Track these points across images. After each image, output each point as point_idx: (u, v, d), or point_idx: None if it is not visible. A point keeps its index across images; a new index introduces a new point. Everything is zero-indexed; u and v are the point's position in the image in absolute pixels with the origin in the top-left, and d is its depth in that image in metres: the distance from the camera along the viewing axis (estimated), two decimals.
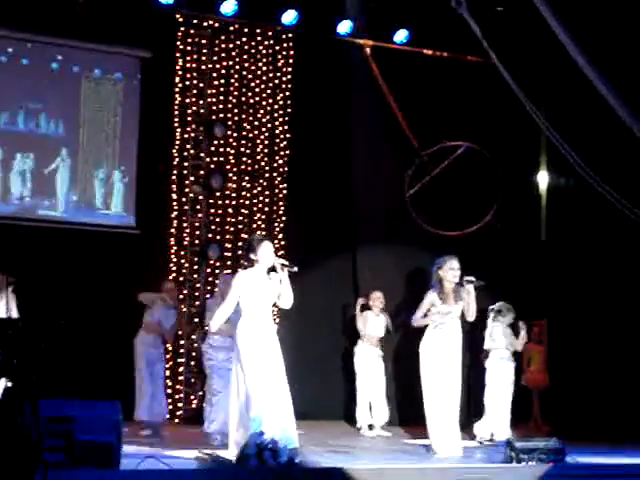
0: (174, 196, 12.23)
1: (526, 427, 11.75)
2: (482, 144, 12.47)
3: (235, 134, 12.51)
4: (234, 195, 12.44)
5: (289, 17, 12.30)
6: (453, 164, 12.44)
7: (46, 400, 6.93)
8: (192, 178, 12.30)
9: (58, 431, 6.93)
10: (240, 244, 12.07)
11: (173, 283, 11.18)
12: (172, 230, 12.19)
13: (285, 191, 12.68)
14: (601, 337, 12.25)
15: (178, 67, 12.29)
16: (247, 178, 12.54)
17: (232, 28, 12.49)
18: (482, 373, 11.07)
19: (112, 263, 11.56)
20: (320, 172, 12.55)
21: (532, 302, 11.89)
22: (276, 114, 12.71)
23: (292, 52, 12.76)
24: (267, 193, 12.61)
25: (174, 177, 12.25)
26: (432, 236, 12.16)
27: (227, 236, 12.34)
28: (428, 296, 9.50)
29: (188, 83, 12.32)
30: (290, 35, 12.71)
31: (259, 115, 12.62)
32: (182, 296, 12.08)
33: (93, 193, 12.10)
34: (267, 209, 12.58)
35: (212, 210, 12.35)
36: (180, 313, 11.37)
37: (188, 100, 12.30)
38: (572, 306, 12.58)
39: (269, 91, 12.68)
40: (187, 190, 12.28)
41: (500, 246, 12.79)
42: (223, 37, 12.47)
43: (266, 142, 12.64)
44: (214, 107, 12.42)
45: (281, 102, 12.73)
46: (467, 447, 9.71)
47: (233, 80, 12.53)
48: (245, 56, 12.59)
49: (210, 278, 12.13)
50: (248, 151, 12.57)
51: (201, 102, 12.37)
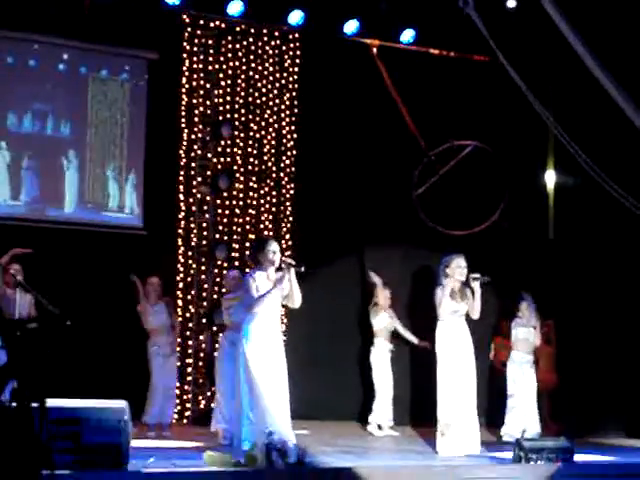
0: (181, 196, 12.23)
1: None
2: (489, 143, 12.46)
3: (242, 134, 12.51)
4: (241, 195, 12.44)
5: (295, 17, 12.31)
6: (460, 163, 12.44)
7: (54, 401, 6.94)
8: (199, 178, 12.31)
9: (66, 433, 6.93)
10: (247, 244, 12.08)
11: (157, 277, 10.89)
12: (179, 230, 12.20)
13: (292, 191, 12.68)
14: (610, 336, 12.23)
15: (185, 68, 12.30)
16: (254, 178, 12.54)
17: (239, 29, 12.50)
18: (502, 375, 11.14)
19: (119, 263, 11.55)
20: (327, 172, 12.55)
21: (540, 301, 11.84)
22: (283, 114, 12.71)
23: (299, 52, 12.76)
24: (274, 193, 12.61)
25: (181, 177, 12.26)
26: (440, 235, 12.15)
27: (234, 236, 12.34)
28: (438, 291, 9.53)
29: (195, 84, 12.33)
30: (297, 35, 12.70)
31: (266, 115, 12.63)
32: (190, 297, 12.10)
33: (100, 194, 12.11)
34: (274, 209, 12.58)
35: (219, 210, 12.35)
36: (169, 304, 11.27)
37: (195, 101, 12.31)
38: (580, 305, 12.54)
39: (276, 91, 12.68)
40: (194, 190, 12.29)
41: (508, 245, 12.78)
42: (230, 38, 12.48)
43: (273, 142, 12.64)
44: (221, 107, 12.42)
45: (288, 102, 12.73)
46: (487, 445, 9.71)
47: (240, 80, 12.53)
48: (252, 56, 12.59)
49: (218, 279, 12.13)
50: (255, 151, 12.57)
51: (208, 102, 12.38)
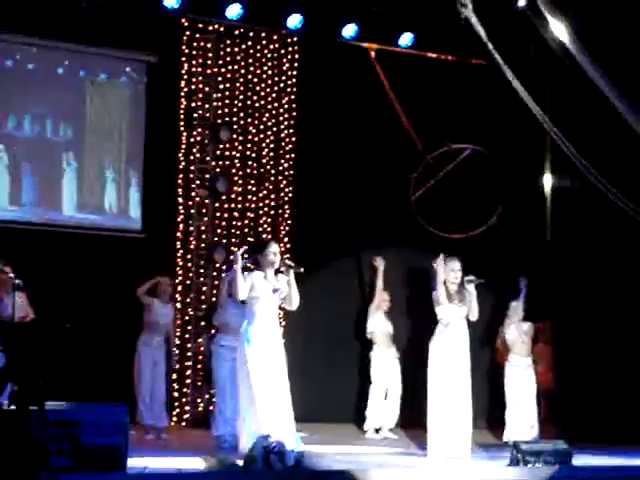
0: (180, 200, 12.25)
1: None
2: (487, 146, 12.47)
3: (241, 137, 12.53)
4: (240, 198, 12.46)
5: (294, 21, 12.32)
6: (458, 167, 12.46)
7: (52, 404, 6.96)
8: (198, 182, 12.32)
9: (64, 435, 6.95)
10: (246, 246, 12.08)
11: (167, 278, 11.03)
12: (178, 234, 12.22)
13: (291, 194, 12.70)
14: (607, 338, 12.24)
15: (184, 71, 12.31)
16: (253, 181, 12.56)
17: (237, 32, 12.52)
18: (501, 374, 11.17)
19: (118, 267, 11.58)
20: (325, 175, 12.57)
21: (538, 303, 11.87)
22: (281, 117, 12.73)
23: (297, 56, 12.78)
24: (273, 196, 12.63)
25: (180, 181, 12.27)
26: (437, 238, 12.17)
27: (233, 239, 12.36)
28: (436, 293, 9.58)
29: (194, 87, 12.35)
30: (295, 39, 12.72)
31: (265, 118, 12.65)
32: (188, 300, 12.12)
33: (99, 197, 12.12)
34: (273, 212, 12.60)
35: (218, 213, 12.37)
36: (175, 308, 11.36)
37: (194, 104, 12.33)
38: (578, 307, 12.57)
39: (274, 94, 12.70)
40: (193, 194, 12.30)
41: (505, 248, 12.80)
42: (228, 41, 12.50)
43: (272, 145, 12.66)
44: (220, 111, 12.44)
45: (286, 105, 12.75)
46: (479, 448, 9.73)
47: (239, 84, 12.55)
48: (250, 60, 12.61)
49: (216, 282, 12.12)
50: (254, 154, 12.59)
51: (207, 106, 12.40)
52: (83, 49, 11.94)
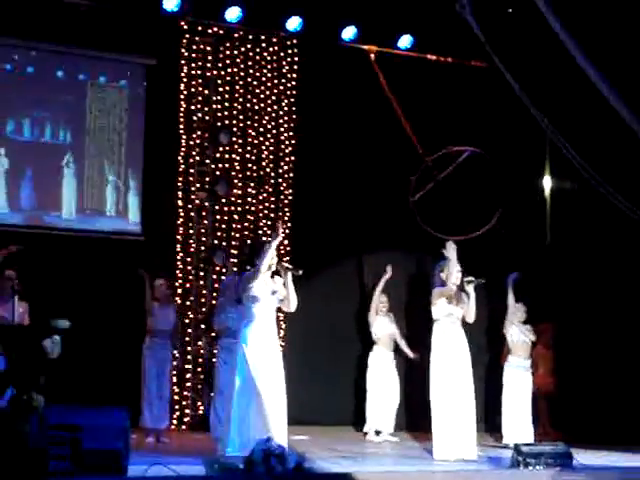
0: (180, 203, 12.24)
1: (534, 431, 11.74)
2: (487, 149, 12.47)
3: (240, 140, 12.53)
4: (239, 201, 12.46)
5: (293, 23, 12.34)
6: (458, 169, 12.46)
7: (53, 407, 6.96)
8: (198, 185, 12.32)
9: (65, 439, 6.94)
10: (245, 249, 12.08)
11: (164, 279, 11.02)
12: (178, 237, 12.21)
13: (290, 197, 12.70)
14: (608, 340, 12.25)
15: (183, 74, 12.31)
16: (252, 184, 12.56)
17: (237, 35, 12.52)
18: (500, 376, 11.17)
19: (118, 270, 11.57)
20: (325, 178, 12.58)
21: (538, 306, 11.88)
22: (281, 120, 12.73)
23: (297, 58, 12.79)
24: (272, 199, 12.63)
25: (180, 184, 12.27)
26: (437, 241, 12.15)
27: (233, 242, 12.36)
28: (435, 292, 9.60)
29: (193, 90, 12.35)
30: (295, 41, 12.73)
31: (264, 121, 12.65)
32: (188, 302, 12.12)
33: (99, 200, 12.12)
34: (273, 215, 12.60)
35: (218, 216, 12.36)
36: (177, 309, 11.37)
37: (193, 107, 12.33)
38: (578, 309, 12.57)
39: (274, 97, 12.71)
40: (193, 197, 12.30)
41: (505, 250, 12.80)
42: (228, 44, 12.50)
43: (271, 148, 12.67)
44: (219, 114, 12.45)
45: (286, 108, 12.75)
46: (484, 450, 9.73)
47: (238, 87, 12.55)
48: (250, 63, 12.61)
49: (216, 284, 12.13)
50: (253, 157, 12.59)
51: (206, 109, 12.40)
52: (82, 52, 11.93)
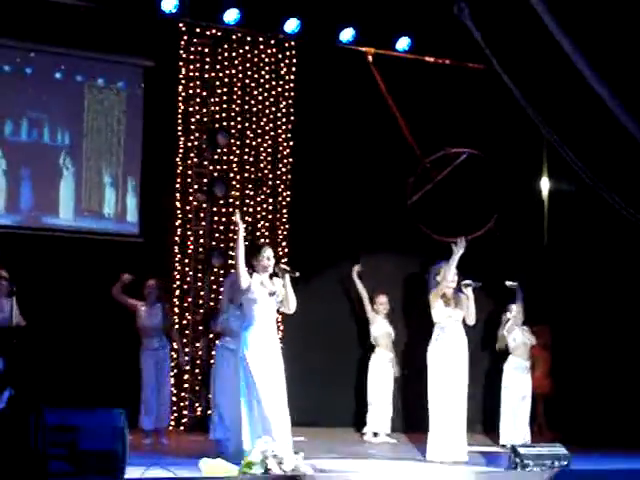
0: (178, 204, 12.24)
1: (530, 433, 11.76)
2: (484, 151, 12.50)
3: (238, 142, 12.53)
4: (237, 203, 12.45)
5: (291, 25, 12.33)
6: (455, 171, 12.47)
7: (50, 409, 6.96)
8: (196, 186, 12.32)
9: (62, 440, 6.95)
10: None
11: (154, 279, 10.94)
12: (176, 238, 12.21)
13: (288, 199, 12.70)
14: (605, 342, 12.26)
15: (181, 76, 12.31)
16: (250, 186, 12.56)
17: (235, 37, 12.52)
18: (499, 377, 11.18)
19: (116, 271, 11.54)
20: (323, 179, 12.58)
21: (535, 307, 11.89)
22: (279, 122, 12.73)
23: (294, 60, 12.78)
24: (270, 201, 12.63)
25: (178, 185, 12.27)
26: (434, 242, 12.18)
27: (231, 244, 12.33)
28: (432, 295, 9.62)
29: (191, 91, 12.35)
30: (292, 43, 12.73)
31: (262, 123, 12.65)
32: (186, 304, 12.12)
33: (97, 202, 12.12)
34: (270, 217, 12.61)
35: (216, 218, 12.36)
36: (169, 306, 11.34)
37: (191, 108, 12.33)
38: (576, 311, 12.59)
39: (272, 99, 12.71)
40: (191, 198, 12.30)
41: (503, 252, 12.81)
42: (226, 46, 12.50)
43: (269, 150, 12.67)
44: (217, 115, 12.45)
45: (284, 110, 12.75)
46: (476, 452, 9.74)
47: (236, 88, 12.56)
48: (248, 64, 12.61)
49: (214, 286, 12.14)
50: (251, 159, 12.60)
51: (204, 110, 12.40)
52: (81, 54, 11.92)
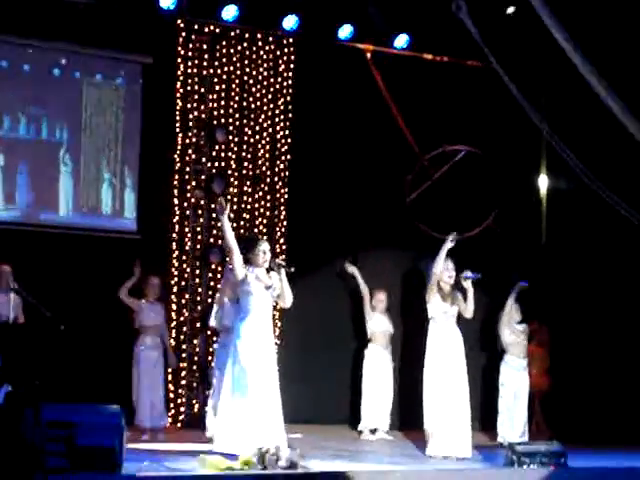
0: (176, 201, 12.24)
1: (528, 430, 11.77)
2: (482, 148, 12.51)
3: (236, 139, 12.53)
4: (235, 200, 12.46)
5: (290, 22, 12.33)
6: (453, 168, 12.48)
7: (48, 405, 6.96)
8: (194, 183, 12.32)
9: (59, 436, 6.95)
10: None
11: (157, 277, 10.98)
12: (174, 235, 12.20)
13: (286, 195, 12.70)
14: (602, 340, 12.28)
15: (179, 72, 12.31)
16: (248, 183, 12.56)
17: (233, 33, 12.51)
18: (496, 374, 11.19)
19: (113, 268, 11.55)
20: (321, 176, 12.58)
21: (533, 306, 11.90)
22: (277, 119, 12.73)
23: (293, 57, 12.78)
24: (268, 198, 12.63)
25: (176, 182, 12.26)
26: (432, 240, 12.18)
27: None
28: (428, 290, 9.67)
29: (189, 88, 12.34)
30: (291, 40, 12.73)
31: (260, 120, 12.65)
32: (184, 300, 12.12)
33: (95, 198, 12.12)
34: (268, 213, 12.61)
35: (214, 214, 12.35)
36: (168, 308, 11.34)
37: (189, 105, 12.32)
38: (573, 309, 12.60)
39: (270, 96, 12.71)
40: (189, 195, 12.30)
41: (501, 250, 12.82)
42: (224, 42, 12.50)
43: (267, 147, 12.67)
44: (215, 112, 12.44)
45: (282, 107, 12.75)
46: (474, 449, 9.74)
47: (234, 85, 12.55)
48: (246, 61, 12.61)
49: (212, 283, 12.14)
50: (249, 156, 12.59)
51: (202, 107, 12.39)
52: (79, 50, 11.92)
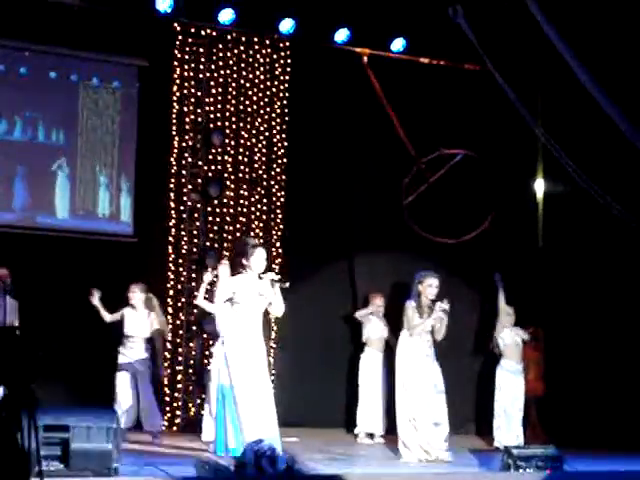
0: (172, 204, 12.24)
1: (523, 434, 11.76)
2: (479, 152, 12.50)
3: (233, 142, 12.54)
4: (232, 203, 12.46)
5: (286, 26, 12.33)
6: (450, 172, 12.48)
7: (43, 408, 6.95)
8: (190, 186, 12.32)
9: (55, 440, 6.95)
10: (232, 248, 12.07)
11: (138, 285, 10.70)
12: (170, 238, 12.20)
13: (283, 199, 12.70)
14: (598, 344, 12.27)
15: (176, 75, 12.31)
16: (245, 186, 12.56)
17: (230, 37, 12.52)
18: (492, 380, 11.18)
19: (110, 271, 11.56)
20: (317, 180, 12.59)
21: (529, 309, 11.90)
22: (273, 122, 12.74)
23: (289, 60, 12.79)
24: (265, 201, 12.63)
25: (172, 185, 12.27)
26: (429, 243, 12.20)
27: (225, 244, 12.36)
28: (409, 307, 9.72)
29: (186, 91, 12.35)
30: (287, 44, 12.74)
31: (257, 123, 12.65)
32: (180, 304, 12.12)
33: (91, 201, 12.12)
34: (265, 217, 12.61)
35: (210, 218, 12.36)
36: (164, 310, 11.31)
37: (186, 108, 12.33)
38: (569, 313, 12.60)
39: (266, 99, 12.71)
40: (185, 198, 12.30)
41: (497, 253, 12.82)
42: (221, 46, 12.50)
43: (264, 150, 12.67)
44: (212, 115, 12.45)
45: (278, 110, 12.76)
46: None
47: (231, 88, 12.56)
48: (242, 64, 12.62)
49: (208, 286, 12.11)
50: (246, 159, 12.60)
51: (199, 110, 12.40)
52: (75, 53, 11.93)
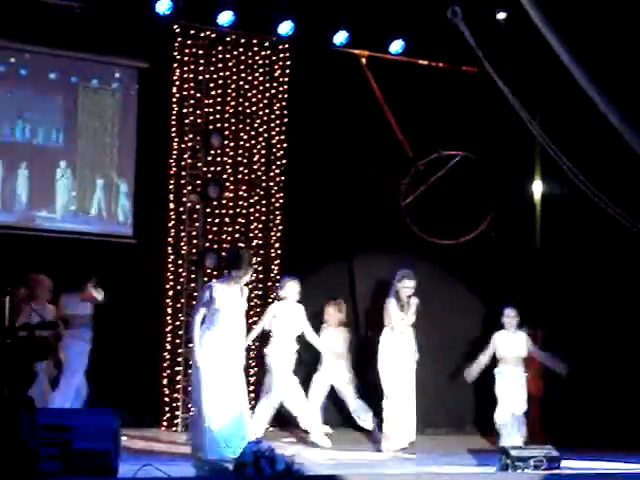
0: (171, 205, 12.26)
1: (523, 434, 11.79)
2: (477, 153, 12.53)
3: (232, 144, 12.55)
4: (231, 204, 12.48)
5: (285, 28, 12.35)
6: (448, 173, 12.50)
7: (43, 408, 6.98)
8: (189, 187, 12.34)
9: (55, 440, 6.97)
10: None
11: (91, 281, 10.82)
12: (169, 239, 12.22)
13: (282, 200, 12.72)
14: (596, 344, 12.30)
15: (175, 77, 12.33)
16: (244, 187, 12.58)
17: (229, 39, 12.54)
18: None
19: (109, 272, 11.57)
20: (316, 181, 12.61)
21: (527, 310, 11.92)
22: (273, 124, 12.76)
23: (288, 62, 12.80)
24: (264, 202, 12.65)
25: (171, 186, 12.28)
26: (428, 245, 12.22)
27: (224, 245, 12.37)
28: (390, 304, 10.43)
29: (185, 93, 12.37)
30: (286, 46, 12.76)
31: (256, 125, 12.67)
32: (179, 305, 12.13)
33: (91, 202, 12.14)
34: (264, 218, 12.63)
35: (209, 219, 12.38)
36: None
37: (185, 110, 12.35)
38: (567, 314, 12.63)
39: (266, 101, 12.73)
40: (184, 199, 12.32)
41: (495, 254, 12.85)
42: (220, 47, 12.52)
43: (263, 152, 12.69)
44: (211, 117, 12.46)
45: (278, 112, 12.78)
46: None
47: (230, 90, 12.58)
48: (242, 66, 12.63)
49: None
50: (245, 160, 12.62)
51: (198, 112, 12.41)
52: (75, 55, 11.94)
